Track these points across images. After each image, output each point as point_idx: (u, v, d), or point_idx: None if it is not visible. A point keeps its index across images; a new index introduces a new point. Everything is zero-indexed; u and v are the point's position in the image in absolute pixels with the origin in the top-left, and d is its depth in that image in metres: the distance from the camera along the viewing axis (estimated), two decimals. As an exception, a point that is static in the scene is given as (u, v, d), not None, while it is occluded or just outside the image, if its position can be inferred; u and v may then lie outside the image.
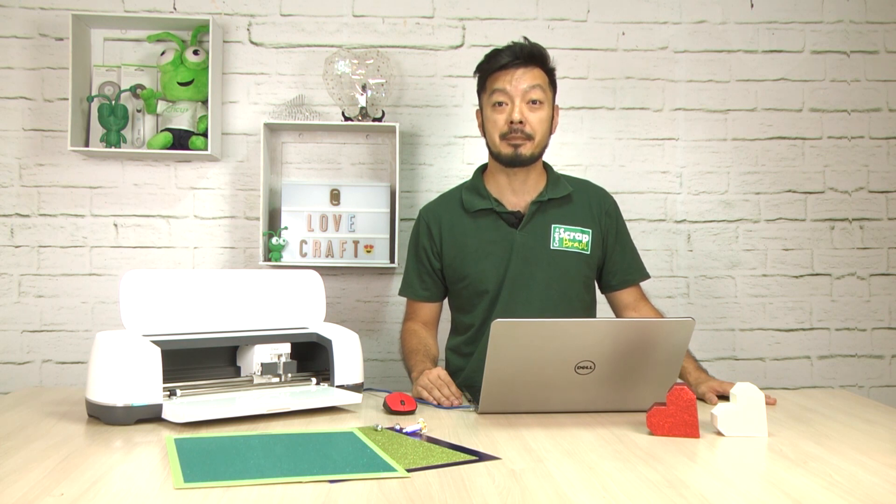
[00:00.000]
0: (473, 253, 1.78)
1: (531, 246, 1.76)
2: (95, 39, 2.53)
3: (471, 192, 1.83)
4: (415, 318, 1.88)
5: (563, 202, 1.80)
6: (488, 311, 1.78)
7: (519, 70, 1.70)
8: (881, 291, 2.66)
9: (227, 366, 1.51)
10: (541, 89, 1.70)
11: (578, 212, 1.80)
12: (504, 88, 1.70)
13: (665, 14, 2.62)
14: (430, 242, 1.85)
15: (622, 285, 1.84)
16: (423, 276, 1.87)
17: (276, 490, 0.93)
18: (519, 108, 1.69)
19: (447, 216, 1.84)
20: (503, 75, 1.70)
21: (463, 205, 1.82)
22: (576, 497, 0.92)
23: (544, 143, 1.75)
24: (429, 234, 1.85)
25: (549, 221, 1.78)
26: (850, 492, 0.95)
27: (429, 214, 1.88)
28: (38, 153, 2.53)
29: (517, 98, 1.69)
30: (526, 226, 1.76)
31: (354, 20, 2.58)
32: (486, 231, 1.79)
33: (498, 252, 1.77)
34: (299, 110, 2.53)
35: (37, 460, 1.05)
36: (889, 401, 2.55)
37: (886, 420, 1.37)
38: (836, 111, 2.65)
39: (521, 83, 1.69)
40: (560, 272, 1.76)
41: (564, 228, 1.78)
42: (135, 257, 2.54)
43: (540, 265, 1.76)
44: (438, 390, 1.50)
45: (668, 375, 1.36)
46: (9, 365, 2.52)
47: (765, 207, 2.64)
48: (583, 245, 1.78)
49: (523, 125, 1.69)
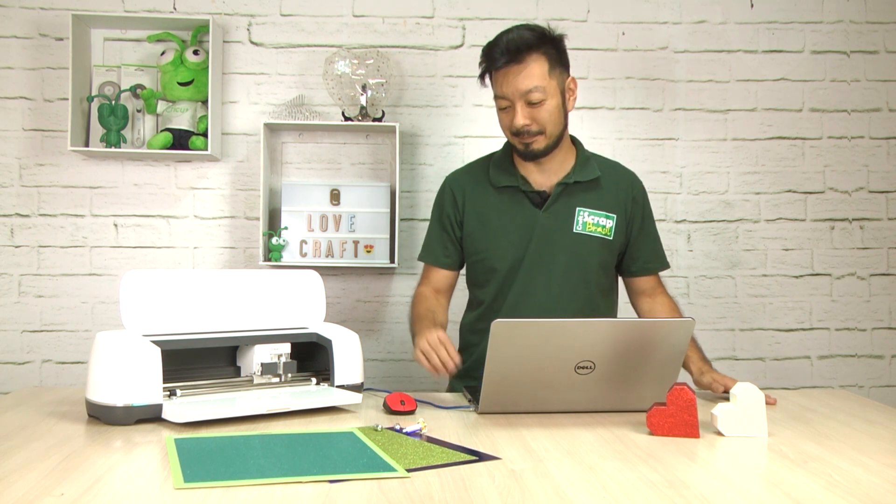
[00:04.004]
0: (495, 229, 1.75)
1: (553, 228, 1.72)
2: (95, 39, 2.53)
3: (498, 167, 1.78)
4: (428, 284, 1.83)
5: (591, 185, 1.75)
6: (503, 289, 1.75)
7: (513, 70, 1.62)
8: (881, 291, 2.66)
9: (227, 366, 1.51)
10: (540, 89, 1.62)
11: (605, 196, 1.76)
12: (503, 94, 1.64)
13: (665, 14, 2.62)
14: (454, 210, 1.80)
15: (641, 272, 1.82)
16: (445, 243, 1.81)
17: (276, 490, 0.93)
18: (521, 112, 1.63)
19: (472, 187, 1.80)
20: (500, 78, 1.65)
21: (490, 178, 1.78)
22: (576, 497, 0.92)
23: (559, 130, 1.69)
24: (453, 201, 1.80)
25: (574, 204, 1.73)
26: (850, 492, 0.95)
27: (454, 182, 1.83)
28: (38, 153, 2.53)
29: (517, 102, 1.63)
30: (551, 207, 1.73)
31: (354, 20, 2.58)
32: (510, 208, 1.75)
33: (519, 231, 1.73)
34: (299, 110, 2.53)
35: (37, 460, 1.05)
36: (889, 401, 2.55)
37: (886, 420, 1.37)
38: (836, 111, 2.65)
39: (519, 86, 1.62)
40: (581, 256, 1.73)
41: (589, 212, 1.74)
42: (135, 257, 2.54)
43: (561, 248, 1.72)
44: (436, 354, 1.48)
45: (668, 375, 1.36)
46: (9, 365, 2.52)
47: (765, 207, 2.64)
48: (606, 230, 1.75)
49: (529, 125, 1.64)
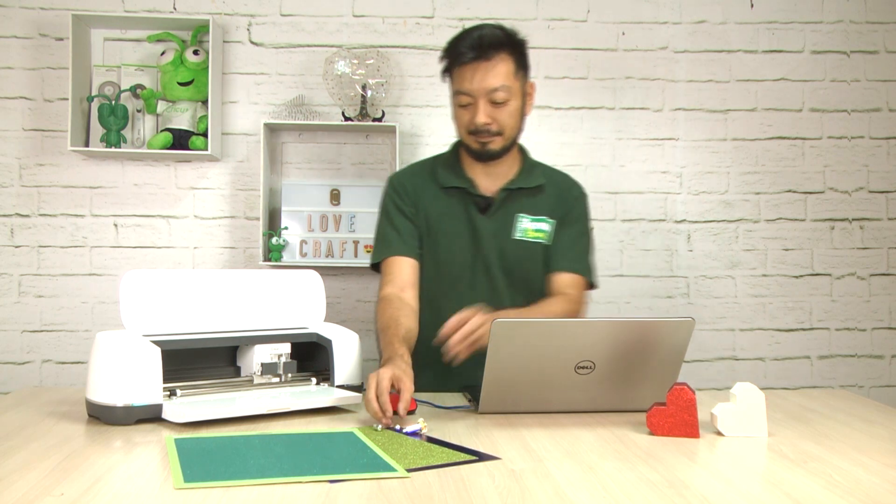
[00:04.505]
0: (439, 231, 1.72)
1: (495, 233, 1.70)
2: (95, 39, 2.53)
3: (447, 167, 1.74)
4: (391, 283, 1.66)
5: (534, 192, 1.73)
6: (443, 289, 1.70)
7: (481, 67, 1.57)
8: (881, 291, 2.66)
9: (227, 366, 1.51)
10: (506, 88, 1.58)
11: (546, 201, 1.73)
12: (467, 90, 1.59)
13: (665, 14, 2.62)
14: (408, 201, 1.74)
15: (553, 269, 1.72)
16: (400, 230, 1.71)
17: (276, 490, 0.93)
18: (483, 110, 1.59)
19: (419, 186, 1.75)
20: (465, 72, 1.59)
21: (437, 179, 1.74)
22: (576, 497, 0.92)
23: (515, 133, 1.67)
24: (405, 192, 1.74)
25: (515, 210, 1.71)
26: (850, 492, 0.95)
27: (401, 179, 1.78)
28: (38, 153, 2.53)
29: (481, 99, 1.59)
30: (494, 213, 1.71)
31: (354, 20, 2.58)
32: (455, 211, 1.72)
33: (463, 235, 1.71)
34: (299, 110, 2.53)
35: (37, 460, 1.05)
36: (889, 401, 2.55)
37: (886, 420, 1.37)
38: (836, 111, 2.65)
39: (484, 83, 1.57)
40: (522, 262, 1.71)
41: (530, 219, 1.71)
42: (135, 257, 2.54)
43: (503, 254, 1.70)
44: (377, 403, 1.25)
45: (668, 375, 1.36)
46: (9, 365, 2.52)
47: (765, 207, 2.64)
48: (544, 235, 1.72)
49: (490, 124, 1.61)
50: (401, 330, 1.51)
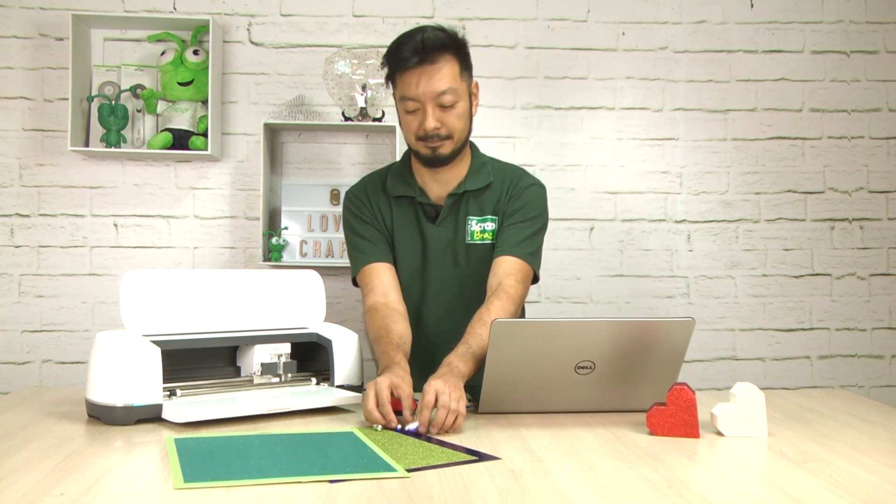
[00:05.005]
0: (397, 238, 1.70)
1: (447, 241, 1.68)
2: (95, 39, 2.53)
3: (397, 176, 1.71)
4: (372, 291, 1.65)
5: (481, 192, 1.68)
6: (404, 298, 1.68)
7: (427, 71, 1.53)
8: (881, 291, 2.66)
9: (227, 366, 1.51)
10: (453, 90, 1.55)
11: (490, 200, 1.69)
12: (413, 95, 1.54)
13: (665, 14, 2.62)
14: (366, 212, 1.71)
15: (495, 255, 1.65)
16: (370, 238, 1.69)
17: (276, 490, 0.93)
18: (431, 115, 1.55)
19: (374, 197, 1.73)
20: (409, 77, 1.54)
21: (386, 188, 1.71)
22: (576, 497, 0.92)
23: (465, 135, 1.63)
24: (362, 206, 1.72)
25: (464, 214, 1.68)
26: (850, 492, 0.95)
27: (355, 193, 1.75)
28: (38, 153, 2.53)
29: (428, 104, 1.54)
30: (443, 220, 1.68)
31: (354, 20, 2.58)
32: (405, 220, 1.70)
33: (413, 243, 1.69)
34: (299, 110, 2.53)
35: (37, 460, 1.05)
36: (889, 401, 2.55)
37: (886, 420, 1.37)
38: (836, 111, 2.65)
39: (431, 87, 1.53)
40: (474, 265, 1.68)
41: (477, 220, 1.68)
42: (135, 257, 2.54)
43: (455, 260, 1.69)
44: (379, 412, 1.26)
45: (668, 375, 1.36)
46: (9, 365, 2.52)
47: (765, 207, 2.64)
48: (490, 235, 1.68)
49: (439, 128, 1.57)
50: (393, 337, 1.50)
